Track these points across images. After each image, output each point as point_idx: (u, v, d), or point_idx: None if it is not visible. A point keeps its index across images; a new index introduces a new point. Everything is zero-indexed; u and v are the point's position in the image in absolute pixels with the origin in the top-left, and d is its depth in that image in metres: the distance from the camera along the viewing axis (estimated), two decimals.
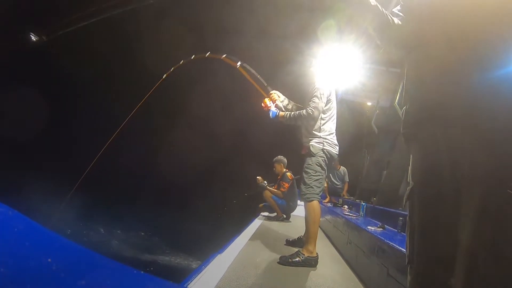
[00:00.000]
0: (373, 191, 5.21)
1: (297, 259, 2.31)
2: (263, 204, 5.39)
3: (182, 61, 3.12)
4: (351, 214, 3.80)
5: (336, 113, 2.70)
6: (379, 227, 2.46)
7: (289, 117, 2.61)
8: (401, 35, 1.07)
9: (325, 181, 2.65)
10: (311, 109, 2.49)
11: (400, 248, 1.57)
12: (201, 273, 1.82)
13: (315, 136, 2.56)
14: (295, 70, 2.82)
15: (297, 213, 5.32)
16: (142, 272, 0.57)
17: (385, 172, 5.12)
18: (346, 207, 4.71)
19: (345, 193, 6.70)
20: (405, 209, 3.11)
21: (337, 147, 2.64)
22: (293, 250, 2.46)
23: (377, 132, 5.83)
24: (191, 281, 1.68)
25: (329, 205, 5.51)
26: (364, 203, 3.90)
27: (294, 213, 5.29)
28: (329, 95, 2.60)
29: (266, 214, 5.44)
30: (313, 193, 2.47)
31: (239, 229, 3.60)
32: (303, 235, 2.86)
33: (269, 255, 2.54)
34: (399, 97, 4.50)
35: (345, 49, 5.49)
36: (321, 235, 3.79)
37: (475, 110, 0.83)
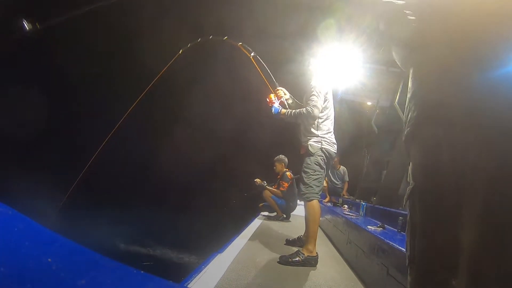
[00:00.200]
0: (373, 190, 5.21)
1: (297, 259, 2.32)
2: (263, 203, 5.39)
3: (199, 39, 3.13)
4: (351, 213, 3.80)
5: (333, 112, 2.70)
6: (379, 227, 2.46)
7: (290, 114, 2.64)
8: (402, 34, 1.07)
9: (325, 180, 2.64)
10: (310, 108, 2.50)
11: (400, 247, 1.57)
12: (201, 272, 1.82)
13: (313, 135, 2.57)
14: (295, 69, 2.83)
15: (297, 212, 5.32)
16: (142, 271, 0.57)
17: (385, 171, 5.12)
18: (346, 206, 4.71)
19: (345, 192, 6.70)
20: (405, 209, 3.10)
21: (335, 145, 2.64)
22: (293, 249, 2.47)
23: (377, 131, 5.83)
24: (191, 281, 1.68)
25: (329, 204, 5.51)
26: (364, 203, 3.90)
27: (294, 213, 5.30)
28: (326, 94, 2.61)
29: (266, 213, 5.44)
30: (313, 192, 2.47)
31: (239, 229, 3.60)
32: (303, 235, 2.86)
33: (269, 254, 2.54)
34: (399, 97, 4.50)
35: (345, 48, 5.49)
36: (321, 234, 3.80)
37: (476, 109, 0.82)
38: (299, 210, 5.19)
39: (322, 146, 2.54)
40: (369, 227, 2.42)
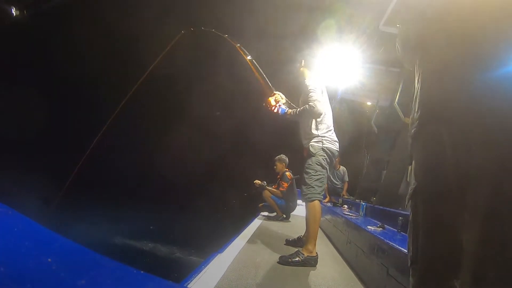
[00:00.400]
0: (372, 190, 5.20)
1: (297, 259, 2.31)
2: (263, 204, 5.39)
3: (202, 27, 3.11)
4: (351, 213, 3.80)
5: (330, 109, 2.70)
6: (378, 227, 2.46)
7: (295, 113, 2.65)
8: (403, 35, 1.07)
9: (326, 179, 2.64)
10: (313, 103, 2.50)
11: (400, 248, 1.57)
12: (201, 272, 1.82)
13: (313, 136, 2.56)
14: (294, 69, 2.82)
15: (296, 212, 5.32)
16: (141, 271, 0.57)
17: (385, 171, 5.13)
18: (346, 206, 4.71)
19: (344, 192, 6.71)
20: (407, 209, 3.11)
21: (337, 143, 2.63)
22: (293, 250, 2.46)
23: (376, 131, 5.82)
24: (191, 281, 1.68)
25: (329, 204, 5.51)
26: (363, 203, 3.90)
27: (293, 213, 5.30)
28: (321, 92, 2.61)
29: (265, 214, 5.44)
30: (314, 193, 2.46)
31: (239, 229, 3.60)
32: (302, 235, 2.86)
33: (269, 255, 2.54)
34: (399, 97, 4.50)
35: (344, 48, 5.49)
36: (321, 234, 3.80)
37: (477, 109, 0.82)
38: (299, 210, 5.19)
39: (323, 145, 2.53)
40: (369, 227, 2.42)
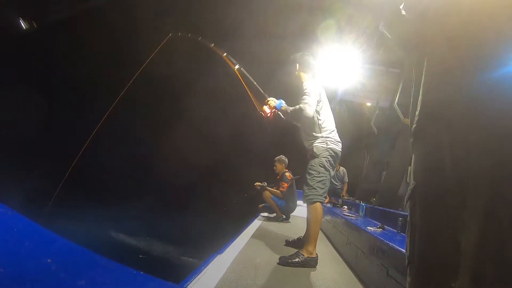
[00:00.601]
0: (372, 191, 5.20)
1: (297, 260, 2.31)
2: (263, 204, 5.39)
3: (190, 34, 3.05)
4: (350, 214, 3.80)
5: (330, 110, 2.69)
6: (378, 228, 2.46)
7: (288, 111, 2.59)
8: (402, 34, 1.07)
9: (329, 181, 2.62)
10: (303, 105, 2.45)
11: (399, 248, 1.57)
12: (200, 273, 1.82)
13: (316, 137, 2.54)
14: (291, 75, 2.77)
15: (296, 213, 5.32)
16: (141, 272, 0.57)
17: (385, 172, 5.13)
18: (345, 207, 4.72)
19: (344, 193, 6.71)
20: (405, 210, 3.11)
21: (340, 143, 2.61)
22: (293, 250, 2.46)
23: (376, 132, 5.83)
24: (191, 282, 1.68)
25: (329, 205, 5.51)
26: (363, 204, 3.90)
27: (293, 214, 5.30)
28: (319, 95, 2.57)
29: (265, 214, 5.44)
30: (316, 194, 2.44)
31: (239, 230, 3.60)
32: (302, 236, 2.85)
33: (269, 255, 2.54)
34: (399, 98, 4.51)
35: (344, 49, 5.50)
36: (320, 235, 3.79)
37: (476, 109, 0.82)
38: (299, 211, 5.20)
39: (327, 146, 2.51)
40: (368, 228, 2.42)
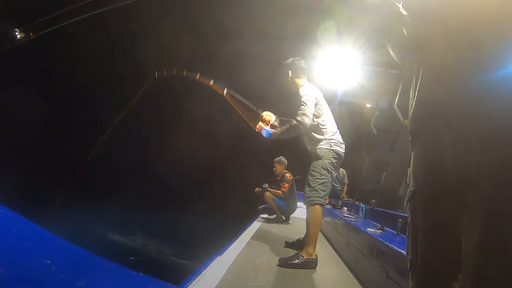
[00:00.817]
0: (372, 192, 5.20)
1: (297, 261, 2.30)
2: (263, 206, 5.39)
3: (174, 71, 3.04)
4: (350, 216, 3.79)
5: (330, 111, 2.68)
6: (378, 229, 2.45)
7: (281, 132, 2.51)
8: (401, 36, 1.07)
9: (331, 184, 2.60)
10: (300, 117, 2.41)
11: (399, 250, 1.57)
12: (200, 275, 1.81)
13: (320, 140, 2.54)
14: (287, 77, 2.72)
15: (296, 215, 5.31)
16: (141, 273, 0.57)
17: (384, 173, 5.13)
18: (345, 209, 4.71)
19: (344, 195, 6.71)
20: (405, 212, 3.10)
21: (343, 145, 2.60)
22: (293, 252, 2.46)
23: (376, 133, 5.83)
24: (190, 283, 1.67)
25: (329, 207, 5.51)
26: (363, 205, 3.90)
27: (293, 215, 5.29)
28: (316, 99, 2.54)
29: (265, 216, 5.43)
30: (317, 196, 2.43)
31: (239, 231, 3.59)
32: (302, 237, 2.85)
33: (269, 257, 2.54)
34: (398, 99, 4.51)
35: (344, 50, 5.51)
36: (320, 237, 3.79)
37: (476, 111, 0.82)
38: (299, 212, 5.19)
39: (331, 148, 2.50)
40: (368, 229, 2.42)
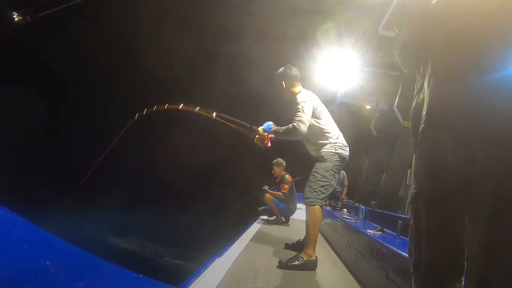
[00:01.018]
0: (372, 194, 5.20)
1: (296, 263, 2.30)
2: (262, 207, 5.39)
3: (155, 106, 3.04)
4: (350, 217, 3.79)
5: (330, 115, 2.68)
6: (378, 231, 2.45)
7: (280, 131, 2.55)
8: (403, 38, 1.07)
9: (332, 187, 2.60)
10: (296, 123, 2.42)
11: (399, 251, 1.57)
12: (199, 276, 1.81)
13: (324, 144, 2.54)
14: (281, 87, 2.71)
15: (296, 216, 5.31)
16: (140, 275, 0.57)
17: (384, 175, 5.13)
18: (345, 210, 4.71)
19: (344, 196, 6.71)
20: (406, 213, 3.09)
21: (347, 147, 2.61)
22: (292, 253, 2.45)
23: (376, 135, 5.84)
24: (190, 285, 1.67)
25: (328, 208, 5.50)
26: (363, 207, 3.90)
27: (293, 217, 5.29)
28: (313, 104, 2.54)
29: (265, 217, 5.43)
30: (317, 197, 2.43)
31: (238, 233, 3.59)
32: (302, 239, 2.85)
33: (268, 258, 2.53)
34: (398, 100, 4.52)
35: (344, 52, 5.53)
36: (320, 238, 3.79)
37: (478, 112, 0.82)
38: (298, 214, 5.18)
39: (336, 151, 2.51)
40: (368, 230, 2.41)
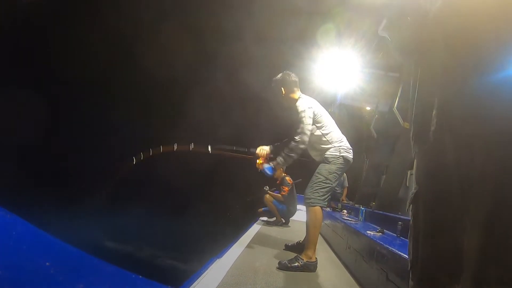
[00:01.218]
0: (372, 195, 5.20)
1: (296, 264, 2.30)
2: (262, 209, 5.38)
3: (151, 151, 3.08)
4: (350, 218, 3.78)
5: (332, 119, 2.68)
6: (378, 232, 2.45)
7: (284, 160, 2.53)
8: (401, 39, 1.08)
9: (333, 190, 2.60)
10: (298, 137, 2.43)
11: (399, 252, 1.57)
12: (199, 278, 1.81)
13: (328, 148, 2.54)
14: (280, 93, 2.69)
15: (296, 217, 5.31)
16: (140, 276, 0.57)
17: (384, 176, 5.13)
18: (345, 211, 4.70)
19: (344, 197, 6.70)
20: (406, 214, 3.09)
21: (351, 150, 2.61)
22: (292, 255, 2.45)
23: (376, 136, 5.84)
24: (190, 286, 1.67)
25: (328, 210, 5.50)
26: (363, 208, 3.90)
27: (293, 218, 5.28)
28: (314, 111, 2.54)
29: (265, 219, 5.42)
30: (318, 198, 2.42)
31: (238, 234, 3.59)
32: (302, 240, 2.84)
33: (268, 260, 2.53)
34: (398, 102, 4.52)
35: (343, 53, 5.54)
36: (320, 240, 3.78)
37: (477, 113, 0.82)
38: (299, 215, 5.18)
39: (340, 154, 2.51)
40: (368, 232, 2.41)
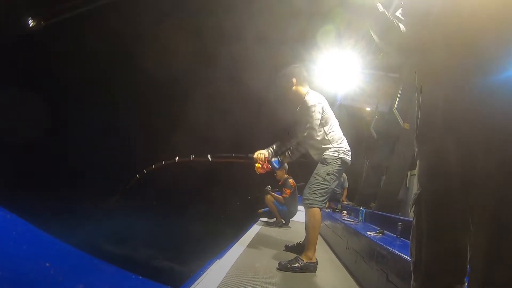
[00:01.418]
0: (372, 196, 5.20)
1: (296, 265, 2.29)
2: (263, 209, 5.37)
3: (153, 165, 3.07)
4: (350, 219, 3.78)
5: (335, 119, 2.68)
6: (378, 233, 2.45)
7: (292, 154, 2.57)
8: (401, 40, 1.08)
9: (331, 191, 2.60)
10: (307, 132, 2.45)
11: (399, 253, 1.57)
12: (199, 278, 1.81)
13: (328, 148, 2.54)
14: (290, 84, 2.68)
15: (296, 218, 5.30)
16: (140, 276, 0.57)
17: (384, 177, 5.13)
18: (345, 212, 4.70)
19: (344, 198, 6.70)
20: (406, 215, 3.09)
21: (350, 152, 2.61)
22: (292, 255, 2.44)
23: (376, 137, 5.84)
24: (190, 287, 1.67)
25: (328, 210, 5.50)
26: (363, 209, 3.89)
27: (293, 219, 5.28)
28: (322, 108, 2.53)
29: (265, 219, 5.42)
30: (316, 200, 2.42)
31: (238, 235, 3.58)
32: (302, 241, 2.84)
33: (268, 260, 2.53)
34: (398, 102, 4.52)
35: (344, 54, 5.54)
36: (320, 240, 3.78)
37: (479, 114, 0.82)
38: (299, 216, 5.18)
39: (339, 155, 2.50)
40: (368, 232, 2.41)
